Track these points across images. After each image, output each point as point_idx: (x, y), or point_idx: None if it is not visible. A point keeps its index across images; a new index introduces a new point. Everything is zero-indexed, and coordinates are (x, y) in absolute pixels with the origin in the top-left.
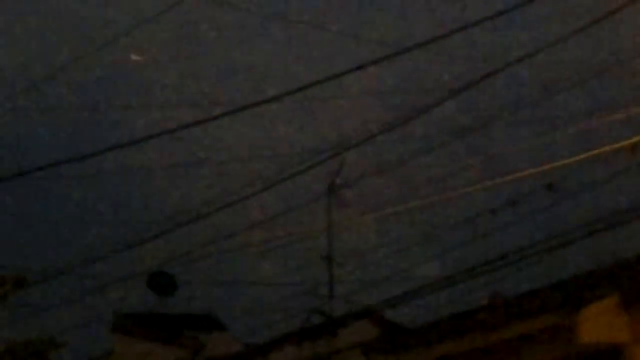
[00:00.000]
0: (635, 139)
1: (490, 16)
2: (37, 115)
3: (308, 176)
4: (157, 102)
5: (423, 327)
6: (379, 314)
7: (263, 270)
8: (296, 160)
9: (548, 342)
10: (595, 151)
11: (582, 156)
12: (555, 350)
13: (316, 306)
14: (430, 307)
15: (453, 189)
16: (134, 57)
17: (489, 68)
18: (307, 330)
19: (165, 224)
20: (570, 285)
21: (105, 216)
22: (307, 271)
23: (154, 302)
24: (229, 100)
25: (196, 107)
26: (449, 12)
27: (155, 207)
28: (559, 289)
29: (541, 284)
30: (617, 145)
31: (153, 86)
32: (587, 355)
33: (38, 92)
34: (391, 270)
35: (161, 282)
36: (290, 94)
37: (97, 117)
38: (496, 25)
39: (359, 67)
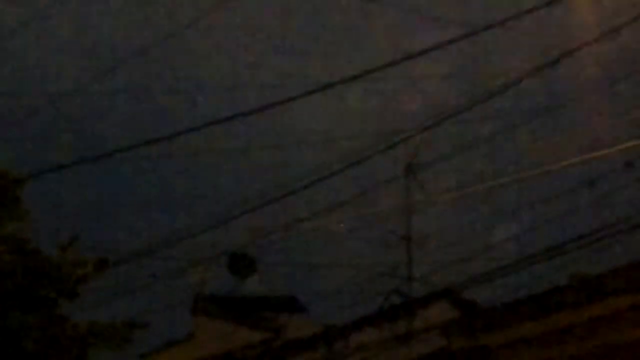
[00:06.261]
0: None
1: None
2: (115, 98)
3: (385, 157)
4: (237, 83)
5: (503, 307)
6: (458, 294)
7: (342, 251)
8: (373, 141)
9: (629, 322)
10: None
11: None
12: (637, 330)
13: (395, 287)
14: (510, 287)
15: (531, 168)
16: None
17: (568, 46)
18: (387, 311)
19: (245, 205)
20: None
21: (185, 198)
22: (386, 252)
23: (234, 284)
24: (304, 81)
25: (273, 87)
26: None
27: (236, 189)
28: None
29: (621, 264)
30: None
31: (231, 67)
32: None
33: (114, 75)
34: (470, 251)
35: (241, 264)
36: (367, 74)
37: (176, 99)
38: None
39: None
